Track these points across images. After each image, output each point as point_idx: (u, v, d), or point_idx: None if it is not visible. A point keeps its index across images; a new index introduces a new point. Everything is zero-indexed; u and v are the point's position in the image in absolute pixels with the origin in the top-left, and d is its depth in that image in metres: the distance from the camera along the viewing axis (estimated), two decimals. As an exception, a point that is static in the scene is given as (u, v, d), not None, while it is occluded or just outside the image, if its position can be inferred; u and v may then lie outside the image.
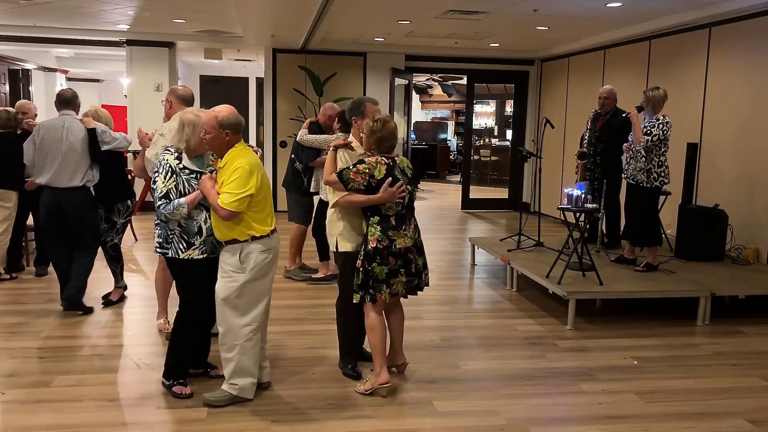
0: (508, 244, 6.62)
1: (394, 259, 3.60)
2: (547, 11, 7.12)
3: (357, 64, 10.64)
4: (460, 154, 15.54)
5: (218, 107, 3.47)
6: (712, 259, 6.10)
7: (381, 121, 3.63)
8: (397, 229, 3.62)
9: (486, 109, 18.47)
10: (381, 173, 3.57)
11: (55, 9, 7.94)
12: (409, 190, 3.71)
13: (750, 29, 6.46)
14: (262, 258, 3.46)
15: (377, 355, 3.68)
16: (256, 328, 3.52)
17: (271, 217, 3.55)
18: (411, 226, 3.72)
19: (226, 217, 3.34)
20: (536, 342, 4.69)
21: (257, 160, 3.51)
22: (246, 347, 3.49)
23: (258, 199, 3.43)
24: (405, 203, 3.67)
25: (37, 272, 6.22)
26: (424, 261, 3.85)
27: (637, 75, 8.17)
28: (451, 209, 11.61)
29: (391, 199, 3.57)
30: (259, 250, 3.44)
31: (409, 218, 3.73)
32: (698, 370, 4.23)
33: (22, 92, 12.63)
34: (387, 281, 3.61)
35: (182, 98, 4.48)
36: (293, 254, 6.36)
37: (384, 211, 3.62)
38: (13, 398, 3.58)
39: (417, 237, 3.76)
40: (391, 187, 3.56)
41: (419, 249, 3.77)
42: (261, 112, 12.76)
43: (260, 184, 3.43)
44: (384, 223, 3.61)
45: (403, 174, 3.67)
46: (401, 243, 3.61)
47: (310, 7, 6.97)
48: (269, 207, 3.53)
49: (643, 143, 5.46)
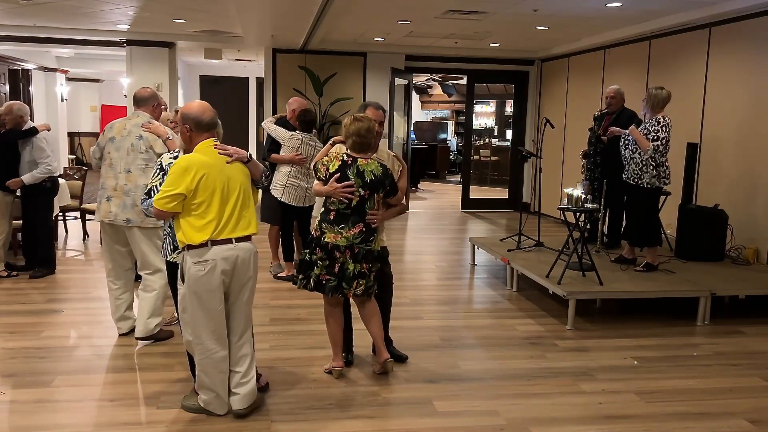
0: (508, 244, 6.62)
1: (320, 250, 3.72)
2: (547, 11, 7.12)
3: (357, 64, 10.64)
4: (460, 154, 15.53)
5: (191, 102, 3.41)
6: (712, 259, 6.10)
7: (352, 118, 3.76)
8: (333, 224, 3.70)
9: (486, 109, 18.46)
10: (334, 167, 3.71)
11: (55, 9, 7.94)
12: (360, 193, 3.66)
13: (750, 29, 6.46)
14: (195, 270, 3.16)
15: (332, 343, 3.95)
16: (208, 349, 3.25)
17: (219, 226, 3.18)
18: (354, 229, 3.68)
19: (156, 215, 3.25)
20: (536, 342, 4.69)
21: (207, 160, 3.19)
22: (203, 364, 3.28)
23: (197, 202, 3.16)
24: (351, 204, 3.67)
25: (32, 275, 6.13)
26: (362, 271, 3.75)
27: (637, 75, 8.17)
28: (451, 209, 11.61)
29: (331, 194, 3.67)
30: (192, 261, 3.16)
31: (354, 221, 3.69)
32: (698, 370, 4.23)
33: (22, 92, 12.63)
34: (305, 270, 3.80)
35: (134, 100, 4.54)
36: (274, 253, 6.50)
37: (328, 205, 3.74)
38: (13, 398, 3.57)
39: (359, 242, 3.70)
40: (338, 183, 3.65)
41: (356, 255, 3.71)
42: (261, 112, 12.76)
43: (202, 186, 3.14)
44: (324, 215, 3.75)
45: (359, 176, 3.66)
46: (329, 238, 3.69)
47: (310, 7, 6.97)
48: (215, 214, 3.17)
49: (651, 151, 5.44)
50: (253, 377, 3.42)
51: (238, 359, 3.37)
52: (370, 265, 3.79)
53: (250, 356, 3.41)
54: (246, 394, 3.37)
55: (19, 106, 6.06)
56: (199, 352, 3.28)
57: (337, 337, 3.94)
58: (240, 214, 3.27)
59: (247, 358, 3.39)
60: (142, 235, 4.36)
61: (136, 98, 4.54)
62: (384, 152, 4.05)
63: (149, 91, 4.56)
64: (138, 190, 4.29)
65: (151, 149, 4.33)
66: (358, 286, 3.75)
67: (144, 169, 4.34)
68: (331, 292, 3.75)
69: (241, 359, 3.37)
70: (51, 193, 6.16)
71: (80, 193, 7.93)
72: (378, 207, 3.78)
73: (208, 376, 3.30)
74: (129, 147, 4.35)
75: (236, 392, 3.37)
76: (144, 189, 4.17)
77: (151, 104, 4.52)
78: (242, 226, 3.27)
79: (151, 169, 4.30)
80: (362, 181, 3.67)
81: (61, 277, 6.20)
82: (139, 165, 4.34)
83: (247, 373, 3.39)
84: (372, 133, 3.75)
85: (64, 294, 5.69)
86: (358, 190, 3.66)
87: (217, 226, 3.19)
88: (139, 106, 4.52)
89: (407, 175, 4.11)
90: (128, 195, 4.32)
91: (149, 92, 4.55)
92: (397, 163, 4.05)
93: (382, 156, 3.99)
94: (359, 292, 3.78)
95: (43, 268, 6.18)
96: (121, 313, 4.57)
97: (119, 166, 4.36)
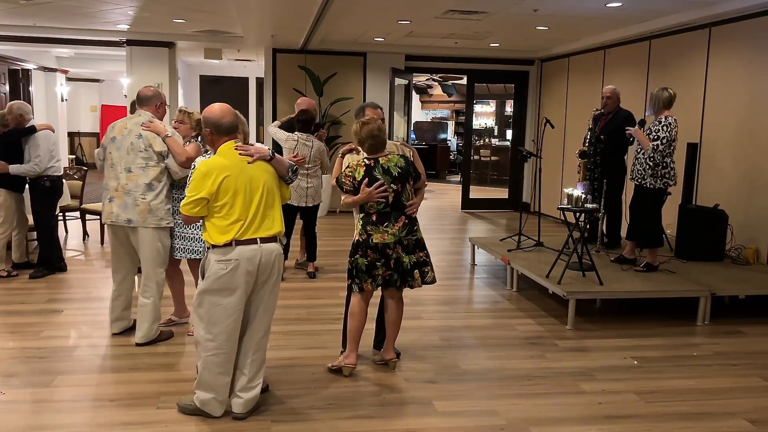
0: (508, 244, 6.62)
1: (372, 252, 3.77)
2: (547, 11, 7.12)
3: (357, 64, 10.63)
4: (460, 154, 15.53)
5: (212, 105, 3.42)
6: (712, 259, 6.10)
7: (360, 123, 3.84)
8: (377, 225, 3.77)
9: (486, 109, 18.46)
10: (360, 174, 3.78)
11: (55, 9, 7.94)
12: (393, 189, 3.76)
13: (750, 29, 6.46)
14: (217, 269, 3.19)
15: (351, 339, 3.94)
16: (219, 348, 3.25)
17: (244, 227, 3.21)
18: (397, 224, 3.77)
19: (184, 221, 3.33)
20: (536, 342, 4.69)
21: (227, 163, 3.24)
22: (208, 362, 3.27)
23: (219, 205, 3.20)
24: (389, 201, 3.76)
25: (32, 275, 6.12)
26: (419, 260, 3.87)
27: (637, 75, 8.17)
28: (451, 209, 11.61)
29: (369, 199, 3.75)
30: (214, 260, 3.21)
31: (396, 216, 3.78)
32: (698, 370, 4.23)
33: (22, 92, 12.64)
34: (369, 272, 3.80)
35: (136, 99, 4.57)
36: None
37: (367, 209, 3.80)
38: (13, 398, 3.57)
39: (405, 234, 3.79)
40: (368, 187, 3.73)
41: (406, 247, 3.80)
42: (261, 112, 12.76)
43: (223, 188, 3.18)
44: (366, 218, 3.81)
45: (386, 173, 3.76)
46: (377, 238, 3.76)
47: (310, 7, 6.97)
48: (239, 215, 3.20)
49: (650, 151, 5.45)
50: (259, 385, 3.40)
51: (247, 363, 3.35)
52: (424, 251, 3.90)
53: (260, 363, 3.39)
54: (248, 400, 3.36)
55: (19, 105, 6.07)
56: (207, 350, 3.26)
57: (359, 334, 3.96)
58: (264, 214, 3.28)
59: (256, 364, 3.36)
60: (145, 236, 4.32)
61: (139, 97, 4.52)
62: (391, 144, 4.12)
63: (152, 90, 4.53)
64: (139, 189, 4.28)
65: (150, 147, 4.28)
66: (424, 275, 3.87)
67: (144, 168, 4.30)
68: (396, 285, 3.85)
69: (252, 364, 3.35)
70: (50, 192, 6.13)
71: (80, 193, 7.92)
72: (411, 196, 3.89)
73: (210, 375, 3.29)
74: (129, 146, 4.33)
75: (240, 396, 3.35)
76: (145, 188, 4.20)
77: (154, 103, 4.49)
78: (266, 226, 3.29)
79: (152, 168, 4.30)
80: (391, 177, 3.78)
81: (61, 277, 6.20)
82: (140, 164, 4.30)
83: (254, 379, 3.37)
84: (382, 130, 3.84)
85: (64, 294, 5.69)
86: (390, 186, 3.76)
87: (242, 227, 3.21)
88: (141, 106, 4.49)
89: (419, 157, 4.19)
90: (129, 195, 4.29)
91: (152, 91, 4.52)
92: (407, 150, 4.16)
93: (391, 148, 4.07)
94: (428, 280, 3.90)
95: (43, 268, 6.18)
96: (117, 314, 4.57)
97: (120, 166, 4.34)
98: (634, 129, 5.66)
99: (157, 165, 4.31)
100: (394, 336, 4.06)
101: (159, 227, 4.33)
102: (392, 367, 4.06)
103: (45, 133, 6.03)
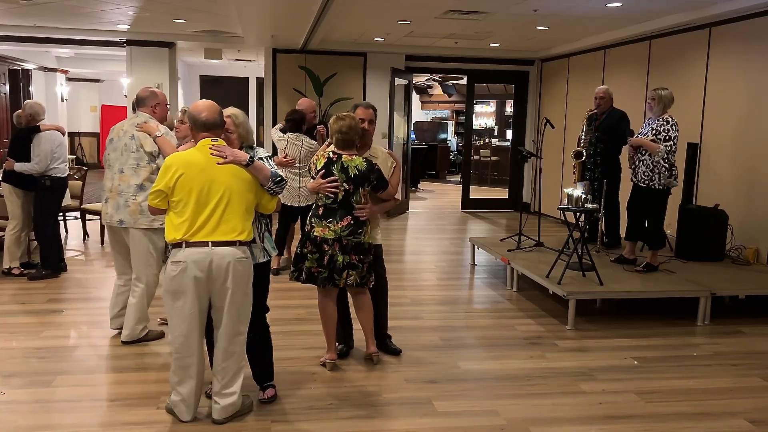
0: (508, 244, 6.62)
1: (310, 244, 3.85)
2: (547, 11, 7.12)
3: (357, 64, 10.63)
4: (460, 154, 15.54)
5: (199, 101, 3.40)
6: (712, 259, 6.10)
7: (335, 117, 3.91)
8: (321, 219, 3.84)
9: (486, 109, 18.47)
10: (320, 165, 3.89)
11: (55, 9, 7.94)
12: (345, 188, 3.80)
13: (750, 29, 6.46)
14: (170, 270, 3.12)
15: (325, 336, 4.08)
16: (177, 351, 3.19)
17: (192, 228, 3.10)
18: (341, 222, 3.81)
19: (150, 211, 3.33)
20: (536, 342, 4.69)
21: (190, 159, 3.15)
22: (174, 365, 3.22)
23: (175, 200, 3.12)
24: (337, 198, 3.81)
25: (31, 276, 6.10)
26: (351, 262, 3.84)
27: (637, 75, 8.17)
28: (451, 209, 11.61)
29: (317, 190, 3.84)
30: (170, 261, 3.14)
31: (342, 214, 3.82)
32: (698, 370, 4.23)
33: (22, 92, 12.64)
34: (301, 262, 3.90)
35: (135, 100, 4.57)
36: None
37: (317, 200, 3.90)
38: (13, 398, 3.57)
39: (347, 234, 3.80)
40: (323, 179, 3.82)
41: (344, 247, 3.81)
42: (261, 112, 12.76)
43: (179, 185, 3.10)
44: (314, 211, 3.91)
45: (343, 171, 3.82)
46: (318, 231, 3.82)
47: (310, 7, 6.97)
48: (189, 214, 3.10)
49: (663, 152, 5.44)
50: (236, 393, 3.28)
51: (219, 370, 3.27)
52: (360, 256, 3.88)
53: (233, 371, 3.26)
54: (225, 407, 3.27)
55: (31, 105, 6.18)
56: (173, 352, 3.25)
57: (331, 330, 4.05)
58: (222, 218, 3.12)
59: (229, 371, 3.25)
60: (136, 237, 4.33)
61: (136, 99, 4.53)
62: (379, 150, 4.17)
63: (147, 91, 4.52)
64: (130, 190, 4.28)
65: (141, 148, 4.28)
66: (348, 276, 3.86)
67: (136, 168, 4.29)
68: (322, 284, 3.88)
69: (224, 371, 3.25)
70: (50, 192, 6.10)
71: (80, 193, 7.92)
72: (366, 201, 3.89)
73: (175, 377, 3.26)
74: (123, 147, 4.34)
75: (216, 401, 3.29)
76: (136, 189, 4.27)
77: (150, 104, 4.48)
78: (223, 231, 3.12)
79: (143, 168, 4.31)
80: (346, 176, 3.82)
81: (61, 277, 6.20)
82: (131, 165, 4.31)
83: (228, 386, 3.26)
84: (355, 130, 3.86)
85: (64, 294, 5.69)
86: (342, 184, 3.80)
87: (190, 228, 3.10)
88: (138, 107, 4.50)
89: (401, 171, 4.22)
90: (121, 195, 4.31)
91: (147, 92, 4.52)
92: (390, 160, 4.15)
93: (377, 153, 4.11)
94: (351, 282, 3.88)
95: (43, 269, 6.17)
96: (115, 312, 4.58)
97: (115, 167, 4.36)
98: (634, 139, 5.65)
99: (148, 165, 4.31)
100: (370, 330, 4.13)
101: (151, 228, 4.32)
102: (375, 361, 4.12)
103: (49, 133, 6.04)
